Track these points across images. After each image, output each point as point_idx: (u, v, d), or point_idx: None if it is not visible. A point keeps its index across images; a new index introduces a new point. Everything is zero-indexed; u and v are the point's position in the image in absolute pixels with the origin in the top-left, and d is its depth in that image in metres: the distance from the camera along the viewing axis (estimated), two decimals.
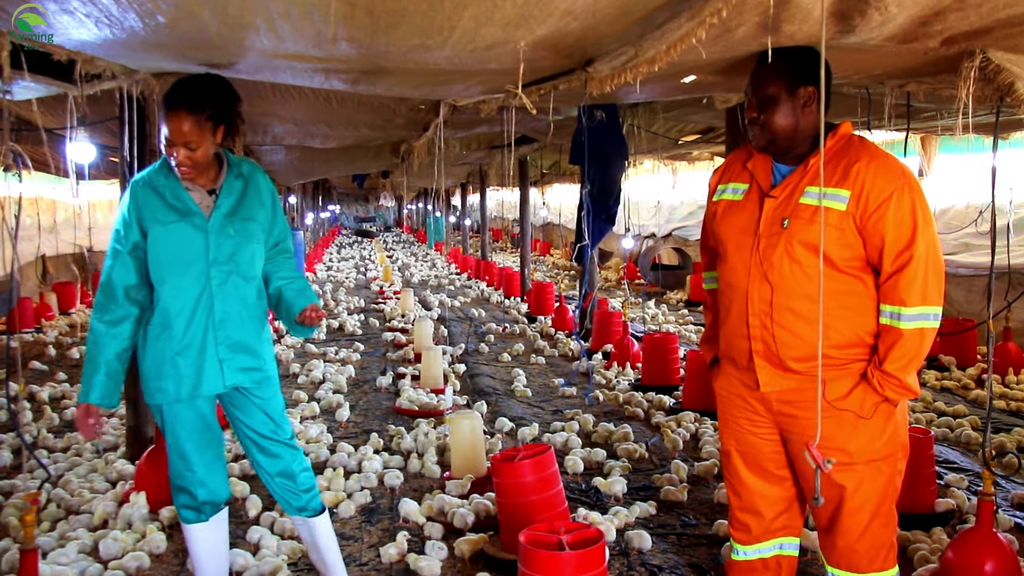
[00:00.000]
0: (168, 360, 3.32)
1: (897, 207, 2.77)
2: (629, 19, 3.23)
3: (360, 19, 3.10)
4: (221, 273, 3.32)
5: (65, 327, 11.91)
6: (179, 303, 3.29)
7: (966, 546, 3.66)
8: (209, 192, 3.36)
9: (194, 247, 3.28)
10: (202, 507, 3.52)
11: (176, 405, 3.37)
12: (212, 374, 3.34)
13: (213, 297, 3.31)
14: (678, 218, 17.10)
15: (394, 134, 8.50)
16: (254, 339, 3.43)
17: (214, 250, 3.30)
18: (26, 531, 3.50)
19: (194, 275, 3.29)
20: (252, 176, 3.47)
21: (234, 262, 3.34)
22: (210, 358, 3.33)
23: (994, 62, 3.27)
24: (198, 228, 3.29)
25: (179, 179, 3.30)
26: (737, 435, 3.21)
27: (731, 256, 3.08)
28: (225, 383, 3.37)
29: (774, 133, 2.95)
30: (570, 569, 3.25)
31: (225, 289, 3.33)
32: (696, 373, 6.90)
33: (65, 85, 3.95)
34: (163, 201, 3.28)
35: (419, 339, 9.56)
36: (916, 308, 2.78)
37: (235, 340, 3.37)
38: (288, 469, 3.53)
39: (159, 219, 3.27)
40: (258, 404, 3.47)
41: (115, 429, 6.37)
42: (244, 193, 3.41)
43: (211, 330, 3.32)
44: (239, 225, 3.36)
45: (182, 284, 3.28)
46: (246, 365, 3.41)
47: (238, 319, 3.37)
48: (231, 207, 3.36)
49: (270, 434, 3.50)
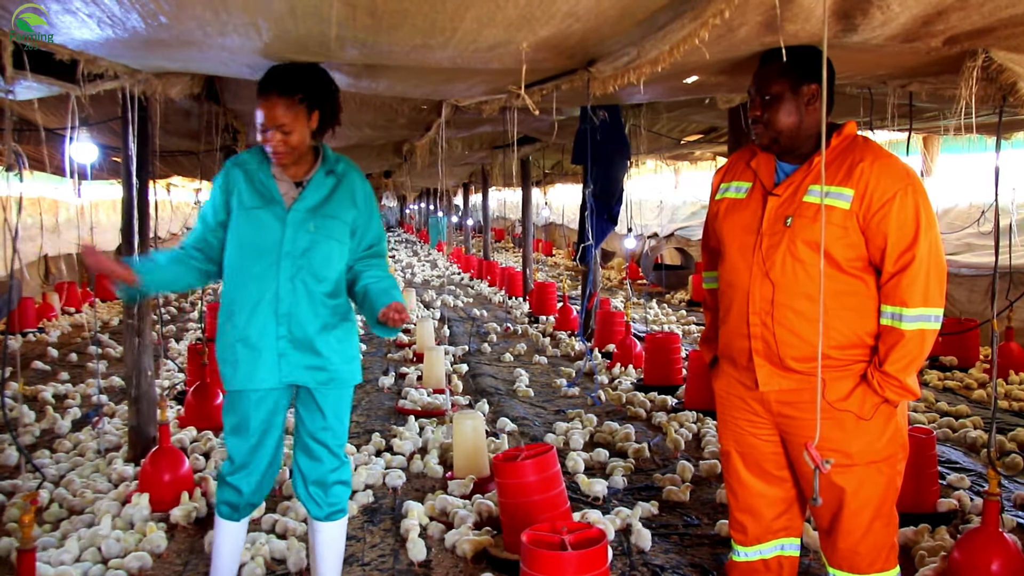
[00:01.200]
0: (229, 347, 3.32)
1: (900, 207, 2.77)
2: (632, 20, 3.23)
3: (362, 20, 3.10)
4: (292, 267, 3.28)
5: (67, 327, 11.94)
6: (246, 291, 3.29)
7: (972, 546, 3.66)
8: (296, 184, 3.36)
9: (270, 237, 3.27)
10: (243, 507, 3.50)
11: (241, 394, 3.34)
12: (268, 367, 3.31)
13: (280, 290, 3.28)
14: (680, 218, 17.10)
15: (396, 134, 8.49)
16: (320, 338, 3.35)
17: (289, 243, 3.28)
18: (24, 531, 3.51)
19: (265, 265, 3.27)
20: (346, 175, 3.43)
21: (307, 258, 3.30)
22: (268, 350, 3.30)
23: (996, 62, 3.26)
24: (277, 218, 3.28)
25: (270, 166, 3.32)
26: (736, 436, 3.21)
27: (733, 255, 3.08)
28: (282, 378, 3.33)
29: (778, 131, 2.95)
30: (572, 569, 3.25)
31: (294, 284, 3.29)
32: (698, 373, 6.91)
33: (67, 85, 3.95)
34: (250, 185, 3.30)
35: (421, 339, 9.57)
36: (917, 309, 2.78)
37: (298, 336, 3.31)
38: (324, 478, 3.47)
39: (243, 203, 3.29)
40: (319, 404, 3.41)
41: (117, 429, 6.37)
42: (334, 191, 3.38)
43: (274, 323, 3.28)
44: (320, 222, 3.32)
45: (252, 272, 3.28)
46: (309, 364, 3.35)
47: (305, 316, 3.32)
48: (316, 202, 3.33)
49: (320, 437, 3.44)
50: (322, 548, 3.56)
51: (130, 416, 5.66)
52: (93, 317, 10.32)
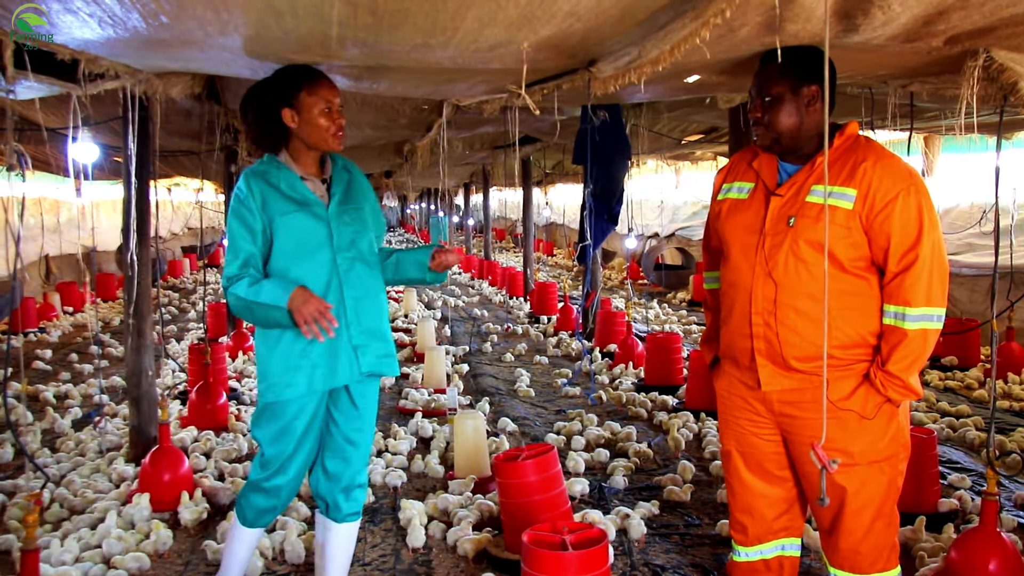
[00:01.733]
0: (298, 352, 3.28)
1: (903, 207, 2.77)
2: (632, 20, 3.23)
3: (363, 19, 3.10)
4: (347, 260, 3.32)
5: (68, 327, 11.95)
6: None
7: (970, 546, 3.65)
8: (322, 182, 3.40)
9: (318, 235, 3.29)
10: (274, 513, 3.49)
11: (297, 402, 3.32)
12: (347, 361, 3.31)
13: (342, 283, 3.30)
14: (681, 218, 17.10)
15: (397, 134, 8.49)
16: (385, 325, 3.43)
17: (337, 237, 3.31)
18: (28, 531, 3.51)
19: (320, 263, 3.28)
20: (351, 169, 3.52)
21: (356, 248, 3.35)
22: (344, 345, 3.30)
23: (997, 61, 3.26)
24: (319, 217, 3.31)
25: (293, 170, 3.34)
26: (738, 435, 3.21)
27: (735, 255, 3.08)
28: (361, 370, 3.34)
29: (778, 133, 2.95)
30: (573, 569, 3.25)
31: (352, 275, 3.33)
32: (699, 373, 6.90)
33: (69, 85, 3.95)
34: (278, 192, 3.30)
35: (422, 339, 9.57)
36: (920, 309, 2.78)
37: (367, 326, 3.35)
38: (352, 482, 3.48)
39: (278, 210, 3.28)
40: (356, 400, 3.42)
41: (118, 429, 6.38)
42: (350, 183, 3.45)
43: (343, 316, 3.29)
44: (353, 214, 3.38)
45: (308, 274, 3.27)
46: (381, 352, 3.39)
47: (369, 305, 3.36)
48: (343, 195, 3.39)
49: (353, 437, 3.45)
50: (335, 549, 3.55)
51: (131, 416, 5.66)
52: (94, 317, 10.31)
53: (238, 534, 3.52)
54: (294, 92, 3.28)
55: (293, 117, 3.28)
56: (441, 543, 4.50)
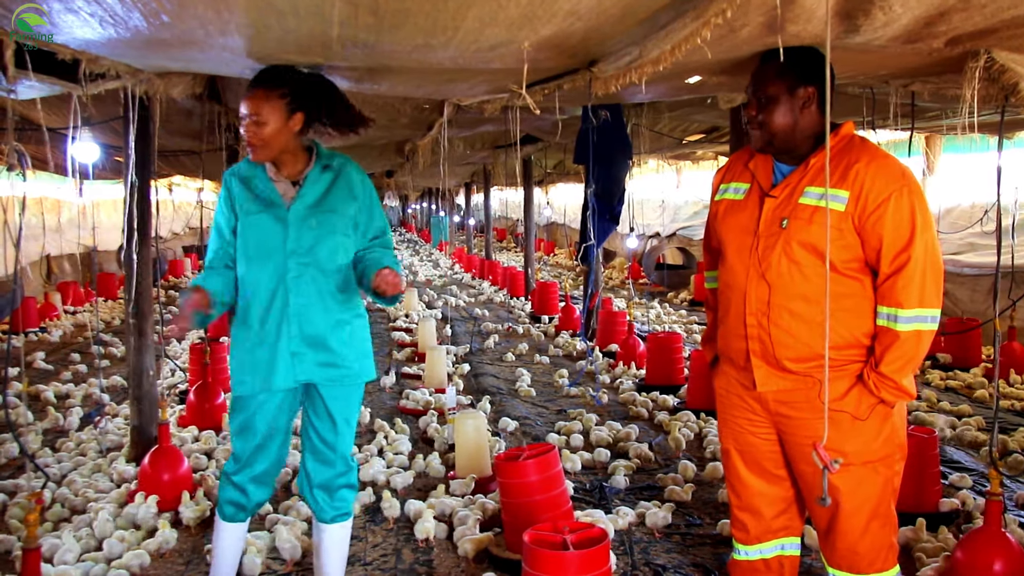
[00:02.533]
0: (247, 351, 3.34)
1: (896, 208, 2.76)
2: (633, 19, 3.23)
3: (364, 19, 3.10)
4: (298, 265, 3.30)
5: (69, 327, 11.95)
6: (257, 295, 3.31)
7: (975, 546, 3.65)
8: (293, 183, 3.38)
9: (273, 238, 3.29)
10: (250, 508, 3.51)
11: (254, 399, 3.35)
12: (284, 367, 3.32)
13: (289, 289, 3.30)
14: (682, 218, 17.09)
15: (398, 134, 8.50)
16: (332, 335, 3.37)
17: (292, 242, 3.30)
18: (29, 530, 3.52)
19: (272, 267, 3.30)
20: (343, 169, 3.46)
21: (313, 255, 3.32)
22: (282, 351, 3.31)
23: (998, 62, 3.26)
24: (278, 219, 3.31)
25: (265, 171, 3.35)
26: (736, 434, 3.22)
27: (731, 256, 3.08)
28: (296, 377, 3.34)
29: (772, 133, 2.95)
30: (574, 568, 3.25)
31: (301, 282, 3.31)
32: (700, 372, 6.90)
33: (69, 85, 3.95)
34: (250, 192, 3.33)
35: (423, 339, 9.57)
36: (913, 310, 2.77)
37: (309, 334, 3.33)
38: (332, 483, 3.48)
39: (245, 209, 3.32)
40: (328, 405, 3.42)
41: (119, 429, 6.38)
42: (332, 186, 3.40)
43: (285, 322, 3.30)
44: (322, 217, 3.34)
45: (260, 275, 3.30)
46: (321, 360, 3.36)
47: (315, 313, 3.34)
48: (315, 199, 3.36)
49: (328, 439, 3.45)
50: (327, 550, 3.56)
51: (132, 415, 5.66)
52: (96, 317, 10.31)
53: (219, 530, 3.54)
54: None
55: None
56: (442, 543, 4.50)
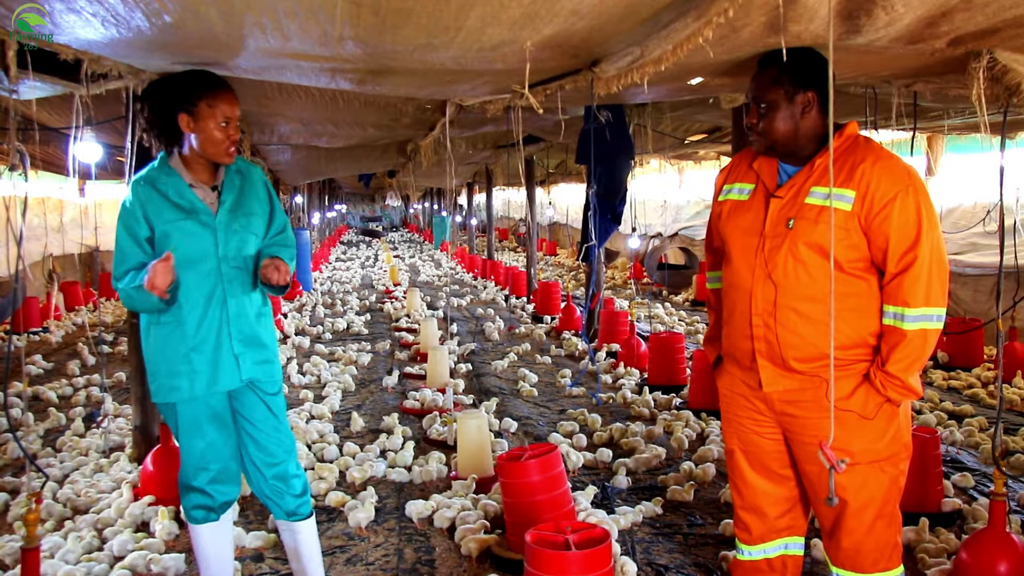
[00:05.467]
0: (181, 357, 3.29)
1: (902, 208, 2.76)
2: (635, 19, 3.23)
3: (366, 19, 3.10)
4: (231, 269, 3.33)
5: (71, 327, 11.95)
6: (190, 300, 3.28)
7: (979, 547, 3.64)
8: (212, 189, 3.37)
9: (203, 244, 3.28)
10: (218, 508, 3.50)
11: (191, 403, 3.34)
12: (228, 369, 3.33)
13: (226, 292, 3.31)
14: (684, 218, 17.08)
15: (400, 134, 8.50)
16: (264, 333, 3.44)
17: (223, 246, 3.30)
18: (29, 529, 3.51)
19: (205, 272, 3.28)
20: (247, 171, 3.48)
21: (241, 257, 3.36)
22: (225, 353, 3.32)
23: (1001, 62, 3.26)
24: (206, 225, 3.29)
25: (181, 177, 3.30)
26: (740, 434, 3.22)
27: (736, 257, 3.08)
28: (242, 377, 3.36)
29: (773, 140, 2.95)
30: (576, 569, 3.25)
31: (235, 285, 3.34)
32: (702, 372, 6.90)
33: (71, 85, 3.95)
34: (166, 200, 3.27)
35: (425, 338, 9.57)
36: (919, 309, 2.78)
37: (248, 334, 3.37)
38: (284, 471, 3.49)
39: (164, 218, 3.26)
40: (264, 399, 3.45)
41: (120, 429, 6.38)
42: (242, 189, 3.42)
43: (226, 325, 3.31)
44: (243, 220, 3.37)
45: (193, 281, 3.27)
46: (260, 358, 3.41)
47: (249, 313, 3.38)
48: (234, 203, 3.37)
49: (271, 431, 3.47)
50: (304, 548, 3.58)
51: (135, 415, 5.66)
52: (97, 318, 10.32)
53: (195, 535, 3.54)
54: (194, 99, 3.21)
55: (189, 123, 3.23)
56: (444, 542, 4.50)
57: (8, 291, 10.28)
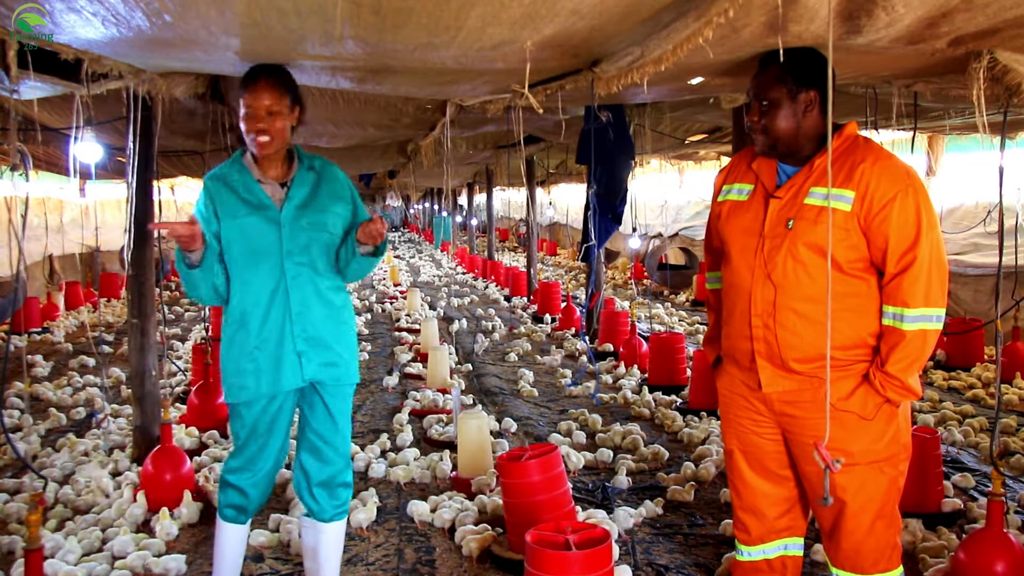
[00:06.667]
0: (247, 355, 3.31)
1: (901, 208, 2.77)
2: (636, 19, 3.23)
3: (366, 18, 3.10)
4: (295, 266, 3.31)
5: (72, 327, 11.95)
6: (254, 297, 3.30)
7: (977, 547, 3.64)
8: (281, 185, 3.38)
9: (268, 240, 3.29)
10: (250, 510, 3.51)
11: (256, 403, 3.34)
12: (290, 368, 3.32)
13: (289, 290, 3.30)
14: (685, 218, 17.08)
15: (401, 134, 8.49)
16: (332, 334, 3.40)
17: (288, 242, 3.30)
18: (31, 530, 3.52)
19: (268, 268, 3.29)
20: (325, 169, 3.48)
21: (308, 255, 3.34)
22: (288, 352, 3.31)
23: (1001, 63, 3.27)
24: (271, 221, 3.30)
25: (251, 173, 3.33)
26: (740, 435, 3.22)
27: (735, 257, 3.08)
28: (304, 377, 3.35)
29: (775, 139, 2.95)
30: (577, 569, 3.25)
31: (300, 281, 3.32)
32: (702, 373, 6.89)
33: (72, 85, 3.95)
34: (236, 195, 3.31)
35: (426, 339, 9.57)
36: (919, 310, 2.78)
37: (312, 334, 3.35)
38: (331, 480, 3.49)
39: (232, 213, 3.29)
40: (327, 403, 3.43)
41: (121, 429, 6.38)
42: (317, 186, 3.42)
43: (288, 323, 3.30)
44: (313, 217, 3.35)
45: (257, 278, 3.29)
46: (325, 360, 3.38)
47: (315, 312, 3.35)
48: (304, 199, 3.36)
49: (329, 437, 3.46)
50: (325, 549, 3.56)
51: (135, 416, 5.66)
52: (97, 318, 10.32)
53: (221, 531, 3.54)
54: (240, 93, 3.27)
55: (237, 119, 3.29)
56: (445, 543, 4.50)
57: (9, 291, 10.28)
